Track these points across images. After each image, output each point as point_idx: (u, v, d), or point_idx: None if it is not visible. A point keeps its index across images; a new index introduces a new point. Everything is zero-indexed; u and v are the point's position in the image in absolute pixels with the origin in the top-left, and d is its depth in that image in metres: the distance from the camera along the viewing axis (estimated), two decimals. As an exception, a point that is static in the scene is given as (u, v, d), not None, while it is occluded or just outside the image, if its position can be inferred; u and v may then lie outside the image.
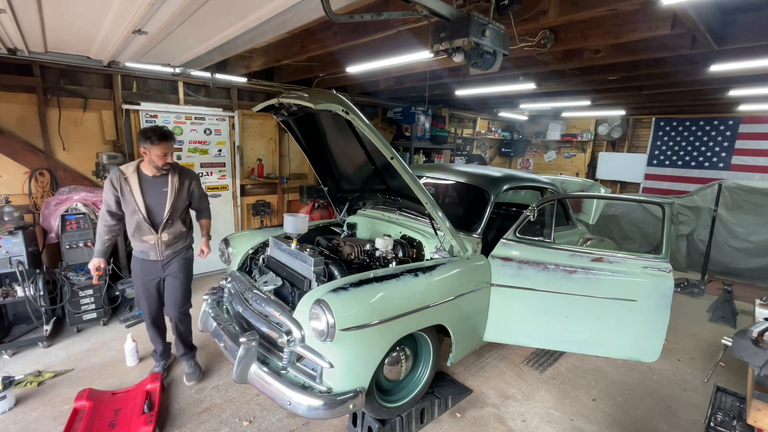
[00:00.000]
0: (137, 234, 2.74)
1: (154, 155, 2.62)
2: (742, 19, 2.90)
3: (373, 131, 2.31)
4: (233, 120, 5.42)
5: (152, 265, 2.84)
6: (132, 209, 2.68)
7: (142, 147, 2.61)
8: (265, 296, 2.59)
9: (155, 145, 2.60)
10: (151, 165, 2.67)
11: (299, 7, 2.24)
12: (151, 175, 2.72)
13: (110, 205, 2.70)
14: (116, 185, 2.66)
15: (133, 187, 2.66)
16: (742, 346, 2.06)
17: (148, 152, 2.62)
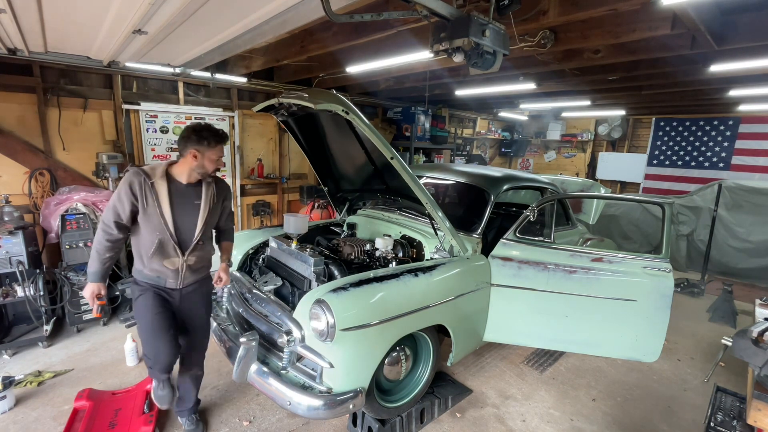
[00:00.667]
0: (157, 256, 2.14)
1: (207, 160, 2.12)
2: (742, 19, 2.90)
3: (373, 131, 2.31)
4: (233, 120, 5.42)
5: (167, 294, 2.26)
6: (155, 224, 2.09)
7: (193, 149, 2.08)
8: (265, 296, 2.59)
9: (211, 149, 2.11)
10: (197, 171, 2.14)
11: (299, 7, 2.24)
12: (185, 182, 2.16)
13: (121, 216, 2.05)
14: (138, 192, 2.04)
15: (161, 197, 2.07)
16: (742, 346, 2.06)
17: (200, 156, 2.10)
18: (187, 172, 2.14)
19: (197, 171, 2.15)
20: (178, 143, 2.14)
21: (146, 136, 4.73)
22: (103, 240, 2.07)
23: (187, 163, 2.12)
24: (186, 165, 2.13)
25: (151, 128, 4.75)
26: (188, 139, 2.09)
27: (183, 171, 2.15)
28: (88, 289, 2.10)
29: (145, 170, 2.09)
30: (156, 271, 2.18)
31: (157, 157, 4.85)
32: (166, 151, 4.91)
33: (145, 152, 4.74)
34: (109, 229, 2.07)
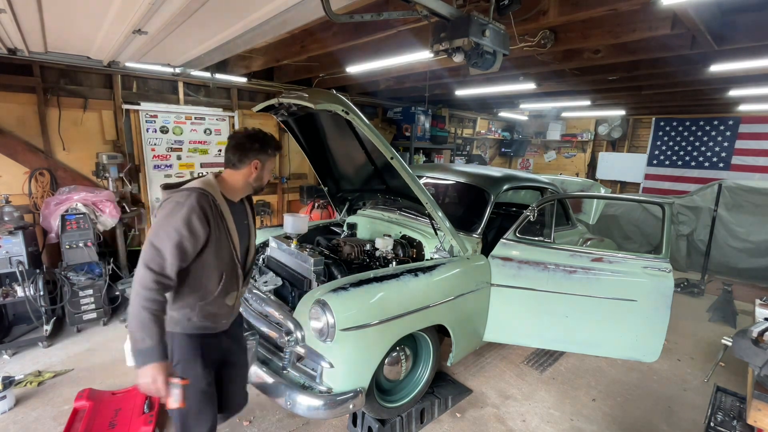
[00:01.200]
0: (221, 295, 1.72)
1: (267, 171, 1.83)
2: (742, 19, 2.90)
3: (373, 131, 2.31)
4: (233, 120, 5.41)
5: (216, 341, 1.81)
6: (223, 256, 1.69)
7: (257, 158, 1.74)
8: (265, 296, 2.59)
9: (272, 158, 1.82)
10: (255, 184, 1.81)
11: (299, 7, 2.24)
12: (236, 200, 1.80)
13: (188, 256, 1.57)
14: (210, 216, 1.60)
15: (228, 220, 1.69)
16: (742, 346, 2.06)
17: (261, 166, 1.78)
18: (243, 186, 1.78)
19: (255, 184, 1.81)
20: (234, 152, 1.74)
21: (146, 136, 4.73)
22: (158, 296, 1.51)
23: (245, 175, 1.76)
24: (243, 177, 1.76)
25: (151, 128, 4.75)
26: (250, 148, 1.73)
27: (237, 185, 1.77)
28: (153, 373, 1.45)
29: (208, 190, 1.63)
30: (212, 315, 1.74)
31: (157, 157, 4.85)
32: (166, 151, 4.91)
33: (145, 152, 4.74)
34: (168, 279, 1.53)
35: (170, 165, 4.97)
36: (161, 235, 1.51)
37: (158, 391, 1.46)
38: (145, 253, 1.51)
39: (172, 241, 1.50)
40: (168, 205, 1.56)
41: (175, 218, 1.52)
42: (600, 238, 4.14)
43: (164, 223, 1.52)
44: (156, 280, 1.49)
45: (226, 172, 1.78)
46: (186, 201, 1.55)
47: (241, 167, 1.75)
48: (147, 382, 1.46)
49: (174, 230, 1.50)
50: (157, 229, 1.53)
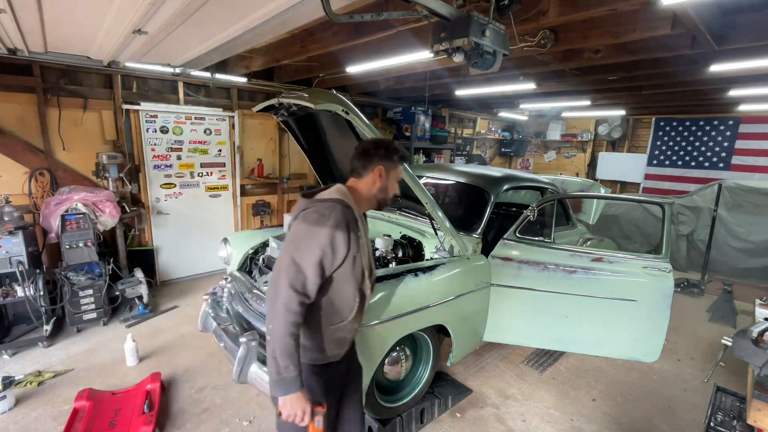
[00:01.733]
0: (354, 319, 1.58)
1: (392, 181, 1.69)
2: (742, 19, 2.90)
3: (373, 131, 2.31)
4: (233, 120, 5.41)
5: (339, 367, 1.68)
6: (357, 275, 1.53)
7: (380, 165, 1.62)
8: (265, 296, 2.59)
9: (397, 167, 1.68)
10: (380, 195, 1.66)
11: (299, 7, 2.24)
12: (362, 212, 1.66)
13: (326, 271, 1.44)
14: (351, 232, 1.46)
15: (363, 236, 1.55)
16: (742, 346, 2.06)
17: (386, 174, 1.64)
18: (367, 197, 1.64)
19: (380, 195, 1.66)
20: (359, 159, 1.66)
21: (146, 136, 4.73)
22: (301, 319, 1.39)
23: (369, 184, 1.64)
24: (367, 186, 1.64)
25: (151, 128, 4.75)
26: (374, 154, 1.64)
27: (363, 195, 1.63)
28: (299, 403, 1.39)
29: (347, 201, 1.50)
30: (341, 341, 1.59)
31: (157, 157, 4.85)
32: (166, 151, 4.91)
33: (145, 152, 4.74)
34: (309, 300, 1.41)
35: (170, 165, 4.98)
36: (303, 250, 1.38)
37: (303, 421, 1.40)
38: (288, 272, 1.37)
39: (314, 258, 1.37)
40: (310, 216, 1.43)
41: (318, 233, 1.39)
42: (600, 238, 4.14)
43: (306, 237, 1.39)
44: (300, 302, 1.37)
45: (351, 180, 1.68)
46: (331, 214, 1.42)
47: (364, 174, 1.64)
48: (292, 413, 1.40)
49: (317, 246, 1.38)
50: (299, 243, 1.39)
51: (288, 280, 1.36)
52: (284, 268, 1.38)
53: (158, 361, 3.35)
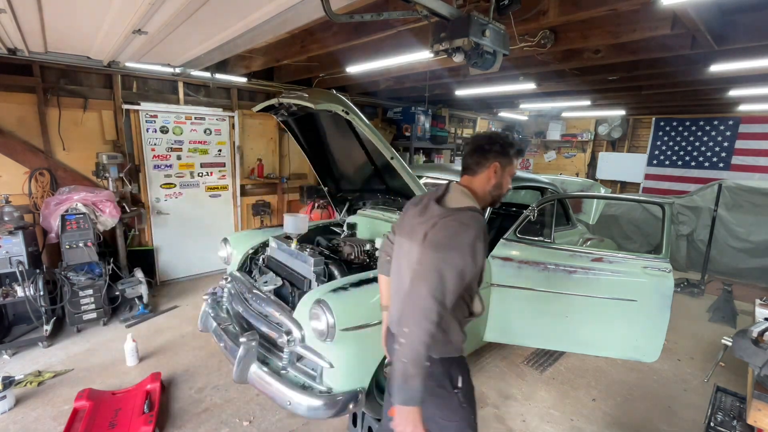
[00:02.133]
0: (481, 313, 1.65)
1: (508, 176, 1.62)
2: (742, 19, 2.90)
3: (373, 131, 2.31)
4: (233, 120, 5.41)
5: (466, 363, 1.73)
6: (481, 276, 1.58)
7: (496, 161, 1.55)
8: (265, 296, 2.59)
9: (513, 162, 1.61)
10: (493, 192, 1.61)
11: (299, 7, 2.24)
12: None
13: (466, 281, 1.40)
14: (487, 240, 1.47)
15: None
16: (742, 346, 2.06)
17: (501, 170, 1.58)
18: (483, 195, 1.58)
19: (494, 192, 1.60)
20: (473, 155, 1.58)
21: (146, 136, 4.73)
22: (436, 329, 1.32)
23: (484, 182, 1.57)
24: (481, 184, 1.57)
25: (151, 128, 4.75)
26: (489, 150, 1.55)
27: (479, 194, 1.58)
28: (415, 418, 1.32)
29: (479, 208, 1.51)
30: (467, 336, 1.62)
31: (157, 157, 4.85)
32: (166, 151, 4.91)
33: (145, 152, 4.74)
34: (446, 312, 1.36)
35: (170, 165, 4.98)
36: (447, 260, 1.34)
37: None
38: (430, 281, 1.33)
39: (456, 269, 1.34)
40: (451, 225, 1.40)
41: (461, 243, 1.36)
42: (600, 238, 4.14)
43: (450, 247, 1.36)
44: (439, 313, 1.31)
45: (464, 179, 1.61)
46: (472, 223, 1.39)
47: (479, 172, 1.57)
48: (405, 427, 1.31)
49: (459, 256, 1.35)
50: (442, 252, 1.36)
51: (430, 289, 1.32)
52: (426, 275, 1.35)
53: (158, 361, 3.35)
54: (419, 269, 1.39)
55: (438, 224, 1.41)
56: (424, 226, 1.45)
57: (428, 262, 1.37)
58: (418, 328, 1.30)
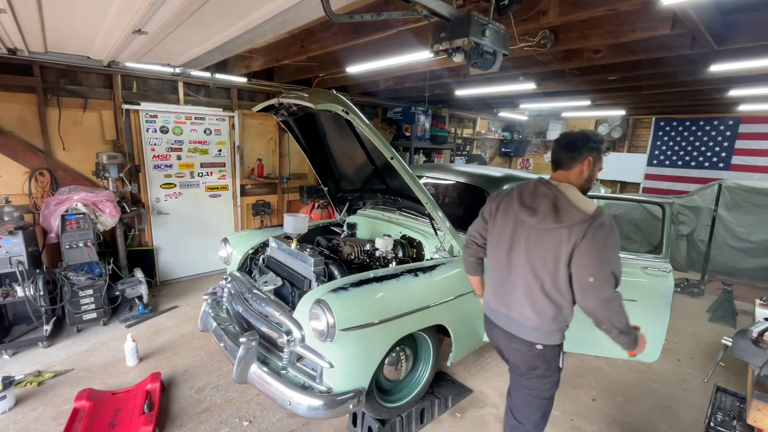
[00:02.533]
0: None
1: (597, 170, 1.82)
2: (742, 19, 2.90)
3: (373, 131, 2.31)
4: (233, 120, 5.41)
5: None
6: None
7: (589, 156, 1.75)
8: (265, 296, 2.59)
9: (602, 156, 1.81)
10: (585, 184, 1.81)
11: (299, 7, 2.24)
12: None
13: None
14: None
15: None
16: (742, 346, 2.06)
17: (593, 164, 1.77)
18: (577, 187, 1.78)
19: (586, 184, 1.80)
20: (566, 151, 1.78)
21: (146, 136, 4.73)
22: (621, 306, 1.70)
23: (577, 175, 1.78)
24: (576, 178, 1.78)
25: (151, 128, 4.75)
26: (583, 146, 1.74)
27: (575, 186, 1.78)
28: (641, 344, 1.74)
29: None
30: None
31: (157, 157, 4.85)
32: (166, 150, 4.91)
33: (145, 152, 4.74)
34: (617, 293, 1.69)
35: (170, 165, 4.98)
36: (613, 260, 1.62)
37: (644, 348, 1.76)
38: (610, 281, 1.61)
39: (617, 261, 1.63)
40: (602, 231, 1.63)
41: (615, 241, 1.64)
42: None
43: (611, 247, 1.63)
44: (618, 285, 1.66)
45: (560, 174, 1.81)
46: (610, 221, 1.65)
47: (573, 166, 1.77)
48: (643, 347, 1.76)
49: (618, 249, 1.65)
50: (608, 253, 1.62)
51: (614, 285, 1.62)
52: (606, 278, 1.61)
53: (158, 361, 3.35)
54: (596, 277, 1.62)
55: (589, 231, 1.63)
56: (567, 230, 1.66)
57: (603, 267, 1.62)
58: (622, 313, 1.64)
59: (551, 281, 1.73)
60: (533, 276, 1.77)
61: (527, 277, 1.79)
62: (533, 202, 1.78)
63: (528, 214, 1.77)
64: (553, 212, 1.69)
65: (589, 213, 1.64)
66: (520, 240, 1.82)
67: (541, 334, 1.81)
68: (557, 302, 1.75)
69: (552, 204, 1.71)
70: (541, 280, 1.74)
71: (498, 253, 1.93)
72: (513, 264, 1.85)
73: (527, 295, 1.80)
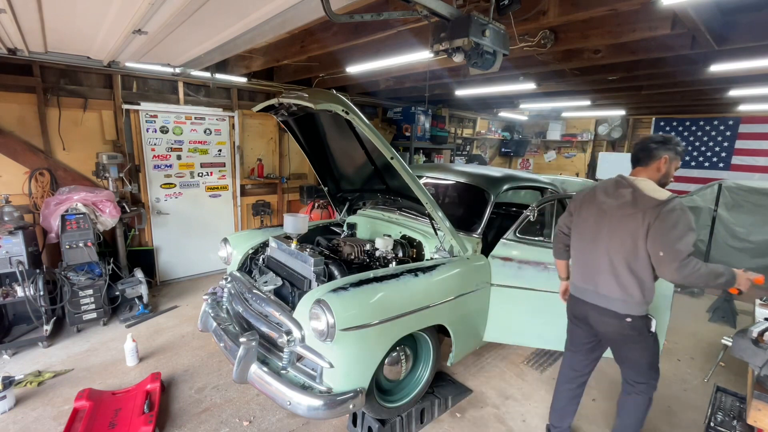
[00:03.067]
0: None
1: (673, 169, 2.09)
2: (742, 19, 2.90)
3: (373, 131, 2.31)
4: (233, 120, 5.41)
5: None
6: None
7: (666, 154, 2.03)
8: (265, 296, 2.59)
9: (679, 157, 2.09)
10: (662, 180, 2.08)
11: (299, 7, 2.24)
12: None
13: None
14: None
15: None
16: (742, 346, 2.06)
17: (669, 162, 2.05)
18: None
19: (662, 180, 2.06)
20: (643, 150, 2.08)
21: (146, 136, 4.73)
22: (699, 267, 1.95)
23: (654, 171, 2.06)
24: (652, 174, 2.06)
25: (151, 128, 4.75)
26: (660, 146, 2.03)
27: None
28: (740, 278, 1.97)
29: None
30: None
31: (157, 157, 4.85)
32: (166, 150, 4.91)
33: (145, 152, 4.74)
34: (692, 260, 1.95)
35: (170, 165, 4.98)
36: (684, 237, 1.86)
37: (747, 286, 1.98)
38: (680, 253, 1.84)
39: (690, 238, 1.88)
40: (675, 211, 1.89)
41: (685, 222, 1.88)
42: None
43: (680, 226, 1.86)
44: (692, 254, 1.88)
45: (637, 171, 2.11)
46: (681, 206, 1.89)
47: (650, 163, 2.06)
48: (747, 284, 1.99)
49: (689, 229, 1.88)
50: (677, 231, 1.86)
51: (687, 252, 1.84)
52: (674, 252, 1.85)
53: (158, 361, 3.35)
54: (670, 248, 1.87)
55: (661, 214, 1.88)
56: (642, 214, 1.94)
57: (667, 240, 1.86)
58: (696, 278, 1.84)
59: (632, 259, 1.99)
60: (616, 255, 2.04)
61: (611, 256, 2.06)
62: (614, 193, 2.08)
63: (610, 203, 2.08)
64: (632, 200, 1.99)
65: (661, 199, 1.90)
66: (603, 226, 2.10)
67: (628, 306, 2.04)
68: (639, 277, 1.99)
69: (630, 194, 2.00)
70: (623, 258, 2.01)
71: (583, 239, 2.23)
72: (598, 247, 2.12)
73: (612, 273, 2.05)
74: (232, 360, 2.36)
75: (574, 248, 2.32)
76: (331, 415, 2.11)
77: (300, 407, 2.07)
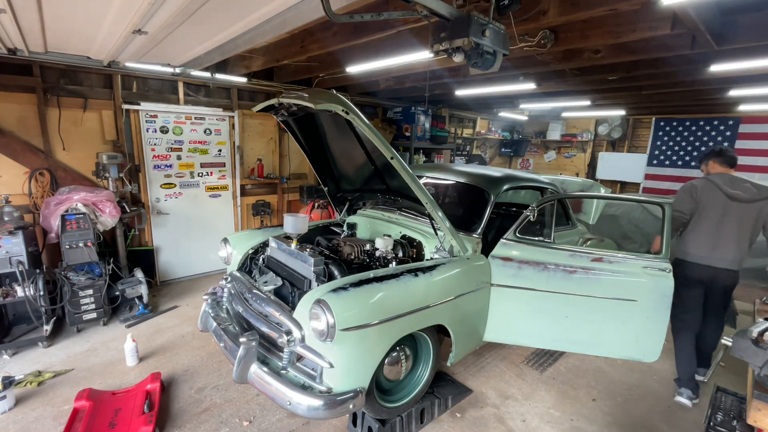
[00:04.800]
0: None
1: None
2: (742, 19, 2.90)
3: (373, 131, 2.31)
4: (233, 120, 5.42)
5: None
6: None
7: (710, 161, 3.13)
8: (265, 296, 2.59)
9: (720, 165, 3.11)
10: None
11: (299, 7, 2.24)
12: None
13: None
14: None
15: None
16: (742, 346, 2.06)
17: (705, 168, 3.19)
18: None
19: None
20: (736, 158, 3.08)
21: (146, 136, 4.73)
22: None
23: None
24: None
25: (151, 128, 4.75)
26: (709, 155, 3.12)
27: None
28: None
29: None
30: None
31: (157, 157, 4.85)
32: (166, 150, 4.91)
33: (145, 152, 4.74)
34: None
35: (170, 165, 4.98)
36: None
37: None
38: None
39: None
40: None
41: None
42: (600, 238, 4.14)
43: None
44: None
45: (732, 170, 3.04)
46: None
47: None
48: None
49: None
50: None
51: None
52: None
53: (158, 361, 3.35)
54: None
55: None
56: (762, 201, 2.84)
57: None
58: None
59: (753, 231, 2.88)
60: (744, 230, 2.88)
61: (740, 231, 2.88)
62: (739, 187, 2.88)
63: (739, 194, 2.85)
64: (755, 191, 2.84)
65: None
66: (731, 211, 2.88)
67: (737, 264, 2.94)
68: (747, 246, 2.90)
69: (751, 186, 2.86)
70: (747, 231, 2.88)
71: (709, 221, 2.95)
72: (725, 226, 2.90)
73: (737, 243, 2.89)
74: (232, 360, 2.37)
75: (699, 227, 2.99)
76: (331, 415, 2.11)
77: (300, 407, 2.07)
